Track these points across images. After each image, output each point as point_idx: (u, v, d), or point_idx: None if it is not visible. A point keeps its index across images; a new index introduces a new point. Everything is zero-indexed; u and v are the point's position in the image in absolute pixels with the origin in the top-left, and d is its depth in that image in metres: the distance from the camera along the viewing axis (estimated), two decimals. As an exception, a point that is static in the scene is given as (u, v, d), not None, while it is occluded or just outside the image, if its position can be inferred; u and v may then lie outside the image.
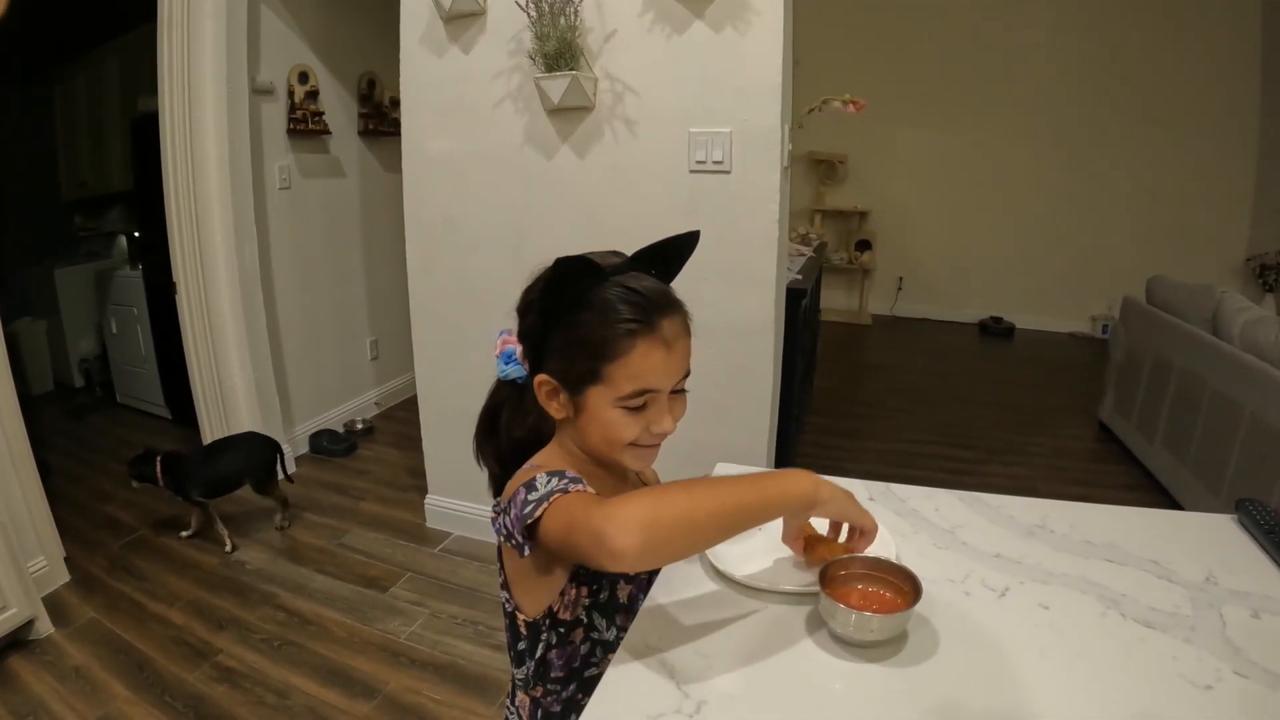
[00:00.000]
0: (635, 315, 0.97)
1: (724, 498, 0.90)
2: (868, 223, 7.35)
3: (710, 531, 0.90)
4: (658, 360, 0.98)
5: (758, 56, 2.30)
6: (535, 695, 1.09)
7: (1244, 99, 6.02)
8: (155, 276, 4.22)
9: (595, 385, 0.99)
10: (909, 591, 0.92)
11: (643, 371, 0.98)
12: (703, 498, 0.88)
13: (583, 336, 0.98)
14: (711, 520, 0.88)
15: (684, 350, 1.03)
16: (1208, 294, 3.49)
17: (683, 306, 1.04)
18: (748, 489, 0.93)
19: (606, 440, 1.03)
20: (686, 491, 0.88)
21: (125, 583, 2.92)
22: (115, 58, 4.87)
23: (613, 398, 0.99)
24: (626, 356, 0.97)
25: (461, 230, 2.86)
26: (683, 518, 0.86)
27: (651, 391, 1.00)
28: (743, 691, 0.85)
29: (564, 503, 0.90)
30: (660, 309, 0.99)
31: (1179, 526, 1.23)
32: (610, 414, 1.00)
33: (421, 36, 2.73)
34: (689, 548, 0.92)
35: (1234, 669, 0.86)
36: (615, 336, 0.97)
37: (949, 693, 0.84)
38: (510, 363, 1.12)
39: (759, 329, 2.53)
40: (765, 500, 0.94)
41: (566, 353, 1.00)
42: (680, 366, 1.02)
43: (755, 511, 0.93)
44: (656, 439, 1.04)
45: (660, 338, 0.98)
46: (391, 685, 2.37)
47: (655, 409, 1.01)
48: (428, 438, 3.23)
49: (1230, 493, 3.03)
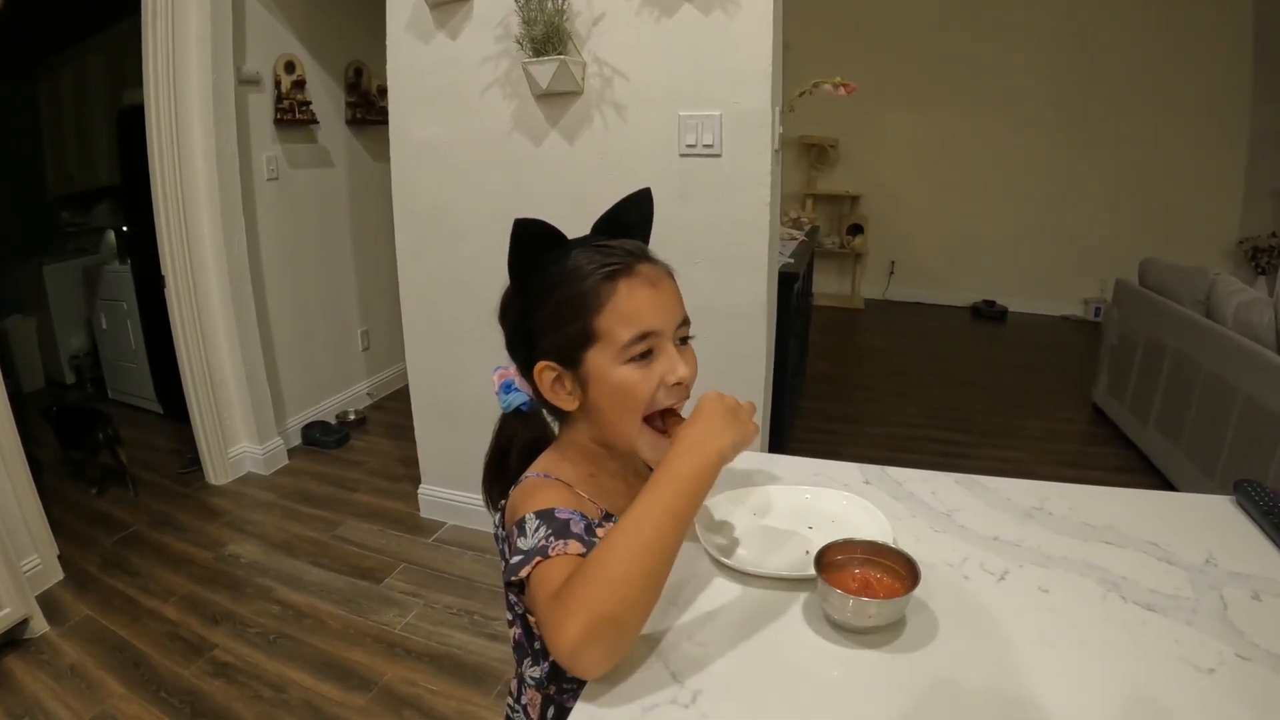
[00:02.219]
0: (609, 260, 0.95)
1: (657, 520, 0.83)
2: (859, 207, 7.35)
3: (665, 562, 0.83)
4: (646, 298, 0.95)
5: (747, 39, 2.28)
6: (549, 693, 1.06)
7: (1236, 81, 6.01)
8: (144, 271, 4.19)
9: (591, 347, 0.95)
10: (907, 576, 0.91)
11: (634, 311, 0.94)
12: (637, 539, 0.81)
13: (563, 297, 0.95)
14: (662, 551, 0.82)
15: (672, 290, 0.99)
16: (1201, 276, 3.49)
17: (659, 259, 1.00)
18: (668, 496, 0.85)
19: (624, 408, 0.97)
20: (620, 549, 0.81)
21: (119, 579, 2.90)
22: (100, 51, 4.84)
23: (613, 353, 0.94)
24: (613, 300, 0.93)
25: (451, 218, 2.84)
26: (635, 576, 0.80)
27: (653, 334, 0.95)
28: (739, 679, 0.84)
29: (542, 574, 0.84)
30: (635, 255, 0.97)
31: (1177, 508, 1.22)
32: (617, 373, 0.95)
33: (408, 23, 2.70)
34: (655, 590, 0.83)
35: (1236, 651, 0.86)
36: (595, 286, 0.94)
37: (948, 678, 0.83)
38: (511, 391, 1.09)
39: (751, 313, 2.52)
40: (688, 490, 0.86)
41: (553, 326, 0.96)
42: (676, 307, 0.99)
43: (688, 510, 0.85)
44: (676, 393, 0.98)
45: (643, 276, 0.95)
46: (388, 676, 2.37)
47: (664, 357, 0.96)
48: (420, 427, 3.22)
49: (1224, 475, 3.04)
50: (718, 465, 0.88)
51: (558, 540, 0.87)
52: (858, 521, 1.10)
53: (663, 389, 0.96)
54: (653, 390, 0.96)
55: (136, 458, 3.99)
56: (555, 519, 0.89)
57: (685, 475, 0.86)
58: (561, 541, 0.86)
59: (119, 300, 4.65)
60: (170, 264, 3.38)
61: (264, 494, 3.57)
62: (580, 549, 0.86)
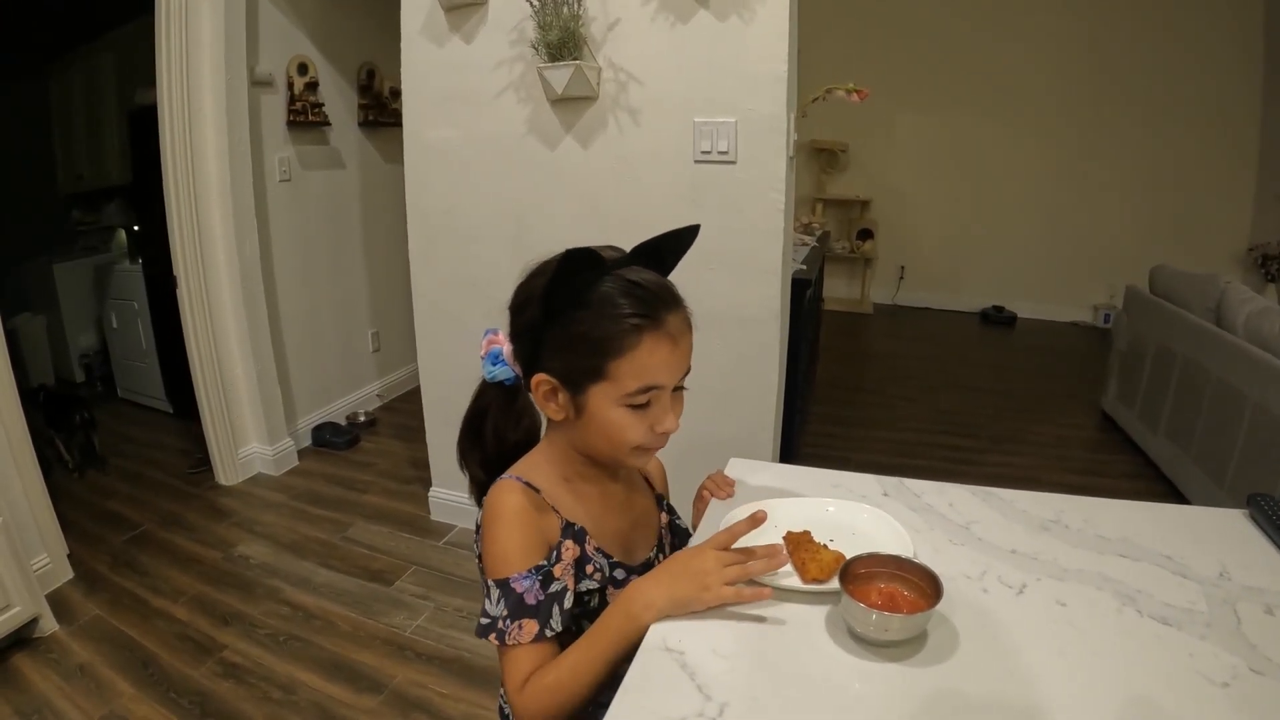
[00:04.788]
0: (640, 310, 0.96)
1: (592, 661, 0.95)
2: (869, 211, 7.34)
3: (597, 682, 0.95)
4: (664, 356, 0.97)
5: (763, 44, 2.28)
6: (502, 694, 1.08)
7: (1246, 88, 5.99)
8: (155, 270, 4.21)
9: (598, 383, 0.98)
10: (930, 591, 0.91)
11: (649, 368, 0.97)
12: (580, 669, 0.95)
13: (585, 332, 0.97)
14: (593, 681, 0.95)
15: (688, 346, 1.02)
16: (1211, 284, 3.48)
17: (684, 302, 1.03)
18: (600, 644, 0.96)
19: (610, 442, 1.02)
20: (570, 672, 0.95)
21: (128, 579, 2.91)
22: (111, 51, 4.85)
23: (617, 396, 0.98)
24: (633, 352, 0.96)
25: (463, 220, 2.84)
26: (574, 690, 0.94)
27: (656, 389, 0.99)
28: (765, 693, 0.84)
29: (509, 662, 0.97)
30: (665, 304, 0.98)
31: (1190, 521, 1.22)
32: (613, 414, 0.99)
33: (422, 26, 2.71)
34: (591, 691, 0.96)
35: (1249, 665, 0.86)
36: (621, 332, 0.95)
37: (969, 691, 0.83)
38: (498, 364, 1.10)
39: (765, 319, 2.52)
40: (614, 641, 0.95)
41: (567, 350, 0.99)
42: (684, 362, 1.02)
43: (616, 652, 0.95)
44: (661, 439, 1.03)
45: (667, 333, 0.97)
46: (398, 679, 2.37)
47: (658, 407, 1.01)
48: (431, 430, 3.22)
49: (1234, 483, 3.03)
50: (645, 625, 0.95)
51: (513, 623, 0.96)
52: (879, 535, 1.11)
53: (650, 434, 1.02)
54: (641, 437, 1.02)
55: (146, 456, 4.03)
56: (511, 592, 0.97)
57: (613, 631, 0.96)
58: (516, 625, 0.96)
59: (129, 299, 4.66)
60: (182, 264, 3.39)
61: (274, 495, 3.58)
62: (535, 628, 0.96)
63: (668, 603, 0.94)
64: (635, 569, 1.11)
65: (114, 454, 4.00)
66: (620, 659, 0.94)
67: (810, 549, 1.03)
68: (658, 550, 1.18)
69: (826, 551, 1.03)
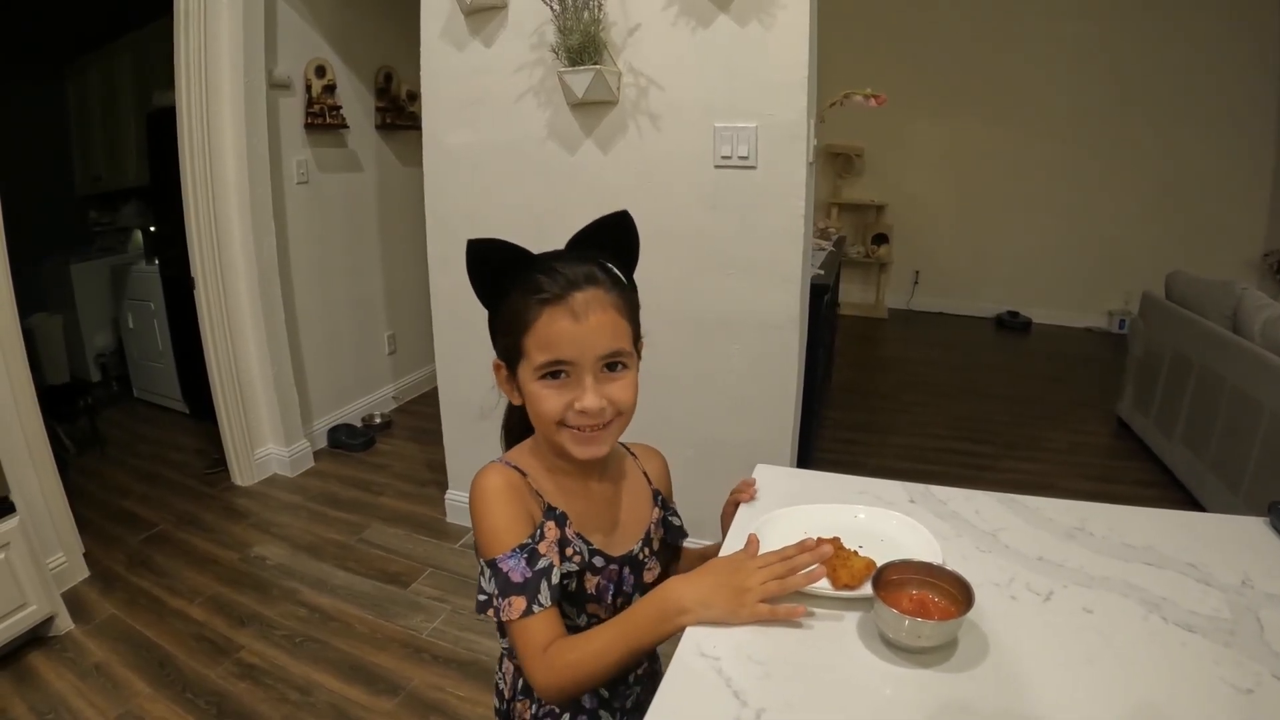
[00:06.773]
0: (547, 289, 1.01)
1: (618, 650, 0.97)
2: (884, 216, 7.34)
3: (621, 664, 0.97)
4: (563, 329, 1.00)
5: (783, 50, 2.29)
6: (518, 663, 1.10)
7: (1262, 93, 5.98)
8: (172, 271, 4.24)
9: (521, 361, 1.05)
10: (961, 598, 0.91)
11: (549, 340, 1.01)
12: (605, 654, 0.97)
13: (507, 312, 1.05)
14: (619, 662, 0.97)
15: (600, 324, 1.02)
16: (1228, 290, 3.47)
17: (609, 284, 1.05)
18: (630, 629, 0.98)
19: (537, 417, 1.07)
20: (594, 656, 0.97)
21: (145, 578, 2.93)
22: (128, 52, 4.88)
23: (530, 370, 1.03)
24: (535, 324, 1.01)
25: (482, 225, 2.83)
26: (595, 670, 0.97)
27: (564, 363, 1.02)
28: (801, 699, 0.84)
29: (520, 632, 1.00)
30: (575, 283, 1.01)
31: (1213, 529, 1.22)
32: (532, 387, 1.04)
33: (442, 30, 2.72)
34: (614, 671, 0.99)
35: (1273, 672, 0.86)
36: (527, 307, 1.01)
37: (999, 698, 0.83)
38: None
39: (784, 324, 2.52)
40: (642, 630, 0.97)
41: (502, 332, 1.08)
42: (596, 340, 1.02)
43: (644, 644, 0.97)
44: (581, 418, 1.04)
45: (568, 308, 1.00)
46: (415, 682, 2.37)
47: (574, 384, 1.03)
48: (448, 432, 3.23)
49: (1250, 491, 3.01)
50: (678, 628, 0.96)
51: (503, 600, 1.00)
52: (908, 542, 1.10)
53: (571, 411, 1.03)
54: (560, 410, 1.04)
55: (162, 456, 4.05)
56: (500, 571, 1.01)
57: (644, 626, 0.97)
58: (506, 602, 0.99)
59: (146, 300, 4.70)
60: (200, 265, 3.41)
61: (290, 496, 3.59)
62: (522, 605, 0.99)
63: (702, 611, 0.96)
64: (616, 559, 1.14)
65: (130, 454, 4.03)
66: (647, 651, 0.98)
67: (841, 555, 1.03)
68: (643, 544, 1.19)
69: (857, 558, 1.03)
